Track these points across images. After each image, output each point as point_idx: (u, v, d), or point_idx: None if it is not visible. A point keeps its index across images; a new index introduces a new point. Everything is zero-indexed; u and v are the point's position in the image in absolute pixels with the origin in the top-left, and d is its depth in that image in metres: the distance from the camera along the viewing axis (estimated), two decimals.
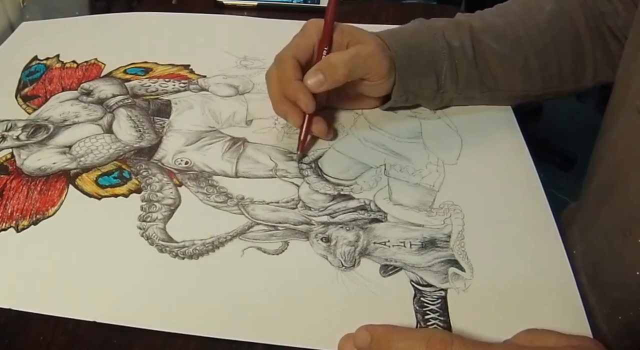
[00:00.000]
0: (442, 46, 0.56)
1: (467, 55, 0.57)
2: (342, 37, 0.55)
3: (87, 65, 0.67)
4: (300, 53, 0.54)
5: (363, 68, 0.53)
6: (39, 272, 0.44)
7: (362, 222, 0.49)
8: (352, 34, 0.55)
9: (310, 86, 0.52)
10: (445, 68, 0.56)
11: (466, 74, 0.57)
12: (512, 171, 0.54)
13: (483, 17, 0.60)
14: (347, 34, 0.55)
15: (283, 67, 0.53)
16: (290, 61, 0.53)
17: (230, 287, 0.44)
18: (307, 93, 0.52)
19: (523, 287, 0.44)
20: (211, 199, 0.50)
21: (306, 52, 0.55)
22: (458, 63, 0.57)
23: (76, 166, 0.53)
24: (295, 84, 0.52)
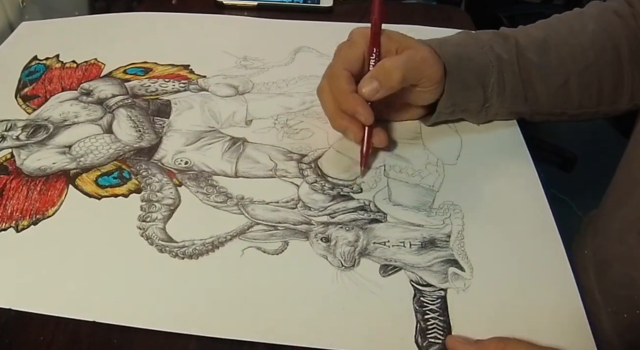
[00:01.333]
0: (490, 59, 0.55)
1: (514, 69, 0.56)
2: (390, 44, 0.53)
3: (87, 65, 0.67)
4: (351, 64, 0.52)
5: (417, 73, 0.52)
6: (39, 272, 0.44)
7: (361, 222, 0.49)
8: (401, 40, 0.54)
9: (365, 95, 0.50)
10: (493, 81, 0.55)
11: (512, 88, 0.56)
12: (512, 171, 0.54)
13: (527, 32, 0.58)
14: (395, 40, 0.54)
15: (336, 81, 0.52)
16: (344, 74, 0.52)
17: (230, 287, 0.44)
18: (365, 105, 0.51)
19: (522, 287, 0.44)
20: (211, 198, 0.51)
21: (357, 63, 0.53)
22: (506, 77, 0.55)
23: (76, 166, 0.53)
24: (351, 97, 0.51)
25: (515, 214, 0.50)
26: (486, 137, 0.58)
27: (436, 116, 0.56)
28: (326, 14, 0.80)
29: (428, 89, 0.53)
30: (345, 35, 0.67)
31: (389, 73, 0.50)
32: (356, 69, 0.53)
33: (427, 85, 0.53)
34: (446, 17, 0.81)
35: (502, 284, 0.44)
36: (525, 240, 0.48)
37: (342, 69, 0.52)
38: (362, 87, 0.50)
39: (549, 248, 0.47)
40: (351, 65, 0.52)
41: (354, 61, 0.53)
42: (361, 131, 0.52)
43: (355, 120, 0.52)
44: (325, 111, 0.54)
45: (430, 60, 0.52)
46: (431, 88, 0.53)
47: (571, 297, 0.44)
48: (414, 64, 0.51)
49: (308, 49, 0.71)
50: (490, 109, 0.57)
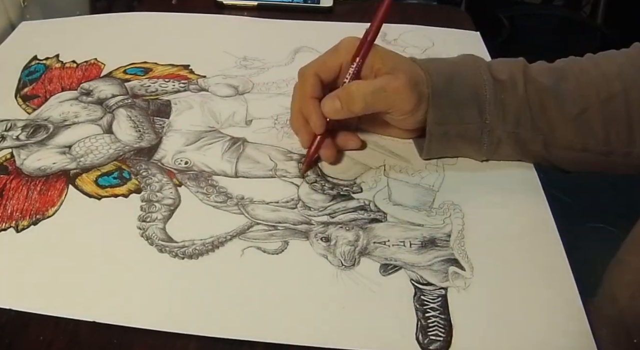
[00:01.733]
0: (485, 78, 0.51)
1: (517, 91, 0.51)
2: (374, 61, 0.51)
3: (87, 65, 0.67)
4: (323, 70, 0.52)
5: (384, 103, 0.50)
6: (39, 272, 0.44)
7: (361, 222, 0.49)
8: (385, 61, 0.51)
9: (325, 111, 0.50)
10: (489, 100, 0.51)
11: (515, 110, 0.51)
12: (512, 171, 0.54)
13: (542, 62, 0.55)
14: (379, 58, 0.51)
15: (303, 83, 0.52)
16: (311, 78, 0.51)
17: (230, 287, 0.44)
18: (319, 114, 0.51)
19: (522, 286, 0.44)
20: (211, 198, 0.51)
21: (331, 71, 0.52)
22: (505, 97, 0.51)
23: (76, 166, 0.53)
24: (310, 102, 0.51)
25: (515, 213, 0.50)
26: None
27: (428, 139, 0.52)
28: (326, 14, 0.80)
29: (400, 117, 0.52)
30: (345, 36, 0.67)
31: (352, 98, 0.49)
32: (328, 77, 0.52)
33: (397, 114, 0.51)
34: (446, 17, 0.81)
35: (502, 283, 0.44)
36: (525, 240, 0.48)
37: (312, 73, 0.52)
38: (324, 103, 0.50)
39: (549, 248, 0.47)
40: (323, 71, 0.52)
41: (328, 69, 0.52)
42: (310, 138, 0.53)
43: (308, 126, 0.52)
44: (290, 107, 0.54)
45: (403, 92, 0.49)
46: (403, 116, 0.51)
47: (571, 296, 0.43)
48: (381, 94, 0.49)
49: (308, 49, 0.71)
50: (493, 134, 0.52)
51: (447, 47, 0.64)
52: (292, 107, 0.54)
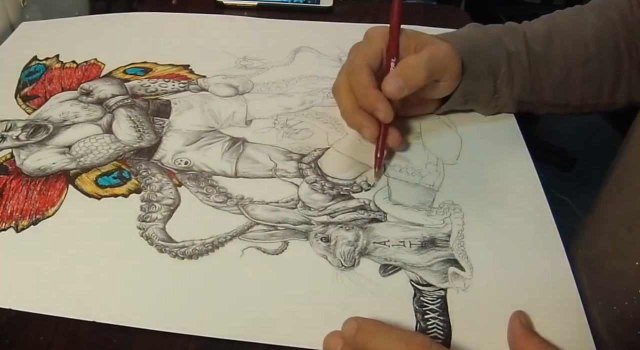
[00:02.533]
0: (500, 51, 0.57)
1: (522, 62, 0.57)
2: (409, 41, 0.54)
3: (87, 66, 0.67)
4: (371, 61, 0.52)
5: (440, 68, 0.52)
6: (38, 272, 0.44)
7: (361, 222, 0.49)
8: (418, 38, 0.54)
9: (390, 93, 0.50)
10: (503, 72, 0.57)
11: (521, 80, 0.57)
12: (512, 171, 0.54)
13: (532, 25, 0.60)
14: (412, 37, 0.54)
15: (358, 76, 0.51)
16: (365, 70, 0.51)
17: (230, 287, 0.44)
18: (386, 102, 0.50)
19: (522, 287, 0.44)
20: (211, 199, 0.51)
21: (376, 59, 0.53)
22: (514, 68, 0.57)
23: (76, 166, 0.53)
24: (373, 93, 0.51)
25: (515, 213, 0.50)
26: (486, 136, 0.58)
27: (448, 105, 0.57)
28: (326, 14, 0.80)
29: (449, 84, 0.54)
30: (346, 35, 0.67)
31: (414, 70, 0.50)
32: (376, 66, 0.53)
33: (448, 79, 0.54)
34: (446, 17, 0.81)
35: (502, 284, 0.44)
36: (525, 240, 0.48)
37: (364, 64, 0.52)
38: (387, 85, 0.50)
39: (549, 248, 0.47)
40: (371, 61, 0.52)
41: (374, 58, 0.53)
42: (377, 129, 0.52)
43: (371, 117, 0.51)
44: (341, 107, 0.53)
45: (451, 55, 0.53)
46: (452, 82, 0.54)
47: (571, 297, 0.44)
48: (437, 60, 0.52)
49: (308, 49, 0.71)
50: (500, 99, 0.58)
51: None
52: (346, 106, 0.53)
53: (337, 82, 0.54)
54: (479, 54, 0.56)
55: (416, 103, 0.57)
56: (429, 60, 0.51)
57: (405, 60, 0.51)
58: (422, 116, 0.60)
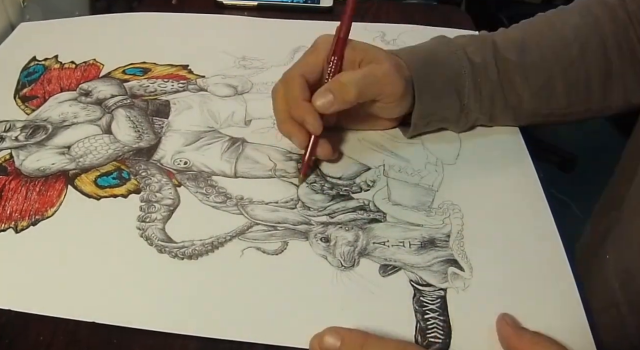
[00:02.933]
0: (463, 64, 0.54)
1: (490, 73, 0.54)
2: (354, 55, 0.52)
3: (86, 66, 0.67)
4: (308, 71, 0.52)
5: (376, 89, 0.50)
6: (38, 273, 0.44)
7: (361, 222, 0.49)
8: (365, 52, 0.52)
9: (318, 107, 0.49)
10: (468, 87, 0.54)
11: (490, 93, 0.54)
12: (512, 171, 0.54)
13: (506, 32, 0.57)
14: (359, 51, 0.52)
15: (290, 86, 0.51)
16: (297, 80, 0.51)
17: (230, 288, 0.44)
18: (315, 114, 0.49)
19: (522, 287, 0.44)
20: (210, 199, 0.51)
21: (315, 70, 0.52)
22: (481, 81, 0.54)
23: (75, 167, 0.53)
24: (302, 105, 0.50)
25: (515, 213, 0.50)
26: (486, 136, 0.58)
27: (413, 129, 0.55)
28: (326, 14, 0.80)
29: (390, 104, 0.52)
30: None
31: (344, 87, 0.49)
32: (313, 77, 0.52)
33: (387, 100, 0.52)
34: (446, 17, 0.81)
35: (501, 284, 0.45)
36: (525, 240, 0.48)
37: (297, 75, 0.51)
38: (316, 99, 0.49)
39: (549, 248, 0.47)
40: (308, 72, 0.51)
41: (312, 68, 0.52)
42: (306, 139, 0.51)
43: (302, 127, 0.51)
44: (275, 113, 0.53)
45: (392, 75, 0.50)
46: (394, 103, 0.52)
47: (571, 297, 0.44)
48: (372, 79, 0.50)
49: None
50: (470, 114, 0.55)
51: None
52: (277, 112, 0.52)
53: (274, 88, 0.53)
54: (436, 68, 0.53)
55: (362, 118, 0.56)
56: (362, 79, 0.49)
57: (338, 75, 0.50)
58: None
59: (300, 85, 0.51)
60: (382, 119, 0.56)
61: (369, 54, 0.52)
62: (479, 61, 0.54)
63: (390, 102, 0.52)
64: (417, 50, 0.55)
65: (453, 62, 0.54)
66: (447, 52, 0.54)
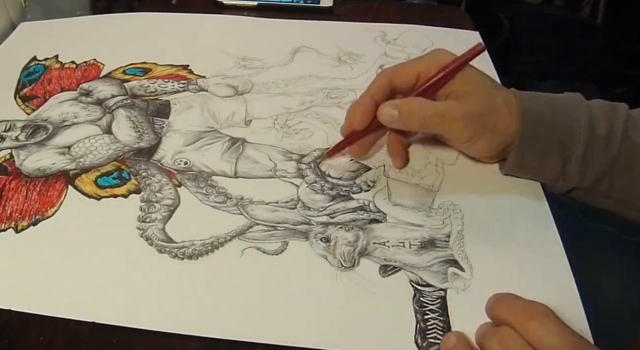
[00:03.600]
0: (582, 129, 0.47)
1: (610, 150, 0.47)
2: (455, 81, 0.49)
3: (86, 66, 0.67)
4: (399, 75, 0.50)
5: (440, 129, 0.50)
6: (38, 273, 0.44)
7: (361, 222, 0.49)
8: (464, 83, 0.49)
9: (380, 116, 0.49)
10: (577, 155, 0.48)
11: (599, 169, 0.48)
12: None
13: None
14: (459, 79, 0.49)
15: (375, 80, 0.51)
16: (382, 79, 0.50)
17: (230, 288, 0.44)
18: (365, 115, 0.50)
19: (522, 287, 0.44)
20: (210, 199, 0.51)
21: (406, 77, 0.50)
22: (593, 155, 0.48)
23: (75, 167, 0.53)
24: (365, 99, 0.50)
25: (515, 214, 0.50)
26: None
27: (504, 170, 0.52)
28: (326, 14, 0.80)
29: (457, 146, 0.53)
30: (345, 36, 0.67)
31: (411, 114, 0.48)
32: (402, 83, 0.50)
33: (452, 142, 0.52)
34: (446, 17, 0.81)
35: (501, 284, 0.44)
36: (525, 240, 0.48)
37: (387, 74, 0.51)
38: (383, 107, 0.49)
39: (549, 249, 0.47)
40: (399, 76, 0.50)
41: (404, 75, 0.50)
42: (348, 129, 0.52)
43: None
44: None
45: (460, 122, 0.48)
46: (459, 146, 0.52)
47: (570, 297, 0.44)
48: (439, 119, 0.48)
49: (307, 49, 0.71)
50: (567, 184, 0.50)
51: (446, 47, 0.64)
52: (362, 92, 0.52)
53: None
54: (550, 119, 0.48)
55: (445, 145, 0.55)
56: (432, 116, 0.48)
57: (414, 100, 0.49)
58: None
59: (380, 84, 0.50)
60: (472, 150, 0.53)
61: (464, 88, 0.49)
62: (601, 133, 0.47)
63: (457, 144, 0.53)
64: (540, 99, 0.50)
65: (570, 118, 0.48)
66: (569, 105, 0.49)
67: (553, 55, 1.42)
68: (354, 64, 0.68)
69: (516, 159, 0.50)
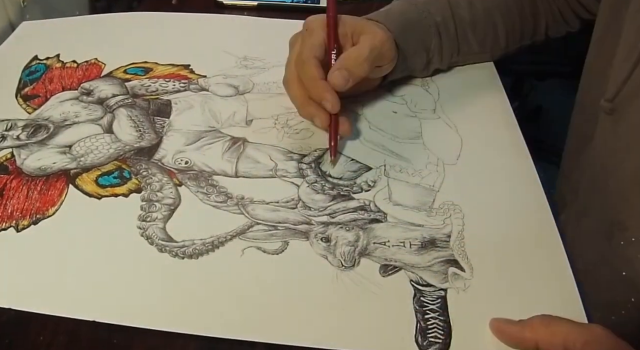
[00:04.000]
0: (430, 24, 0.61)
1: (449, 29, 0.62)
2: (345, 29, 0.56)
3: (87, 65, 0.67)
4: (317, 52, 0.53)
5: (380, 57, 0.55)
6: (38, 272, 0.44)
7: (361, 222, 0.49)
8: (355, 25, 0.56)
9: (337, 85, 0.52)
10: (434, 45, 0.61)
11: (449, 48, 0.63)
12: (512, 171, 0.54)
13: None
14: (349, 25, 0.56)
15: (306, 69, 0.53)
16: (313, 61, 0.53)
17: (230, 287, 0.44)
18: (333, 92, 0.52)
19: (522, 287, 0.44)
20: (211, 198, 0.51)
21: (322, 50, 0.54)
22: (443, 38, 0.62)
23: (76, 166, 0.53)
24: (320, 84, 0.52)
25: (516, 213, 0.50)
26: (486, 136, 0.58)
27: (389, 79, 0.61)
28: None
29: (388, 67, 0.58)
30: None
31: (357, 63, 0.53)
32: (321, 56, 0.54)
33: (387, 64, 0.57)
34: None
35: (502, 284, 0.44)
36: (526, 240, 0.48)
37: (312, 56, 0.53)
38: (333, 77, 0.52)
39: (549, 248, 0.47)
40: (317, 52, 0.53)
41: (319, 49, 0.54)
42: (328, 117, 0.54)
43: (321, 107, 0.53)
44: (293, 99, 0.55)
45: (387, 42, 0.56)
46: (391, 65, 0.58)
47: (571, 297, 0.43)
48: (377, 50, 0.54)
49: None
50: (431, 66, 0.64)
51: None
52: (296, 97, 0.55)
53: (286, 75, 0.56)
54: (410, 31, 0.59)
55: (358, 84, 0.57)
56: (370, 52, 0.53)
57: (347, 53, 0.54)
58: (423, 116, 0.60)
59: (316, 66, 0.53)
60: (372, 80, 0.60)
61: (358, 27, 0.56)
62: (440, 20, 0.61)
63: (391, 63, 0.58)
64: (390, 13, 0.60)
65: (423, 24, 0.61)
66: (416, 14, 0.61)
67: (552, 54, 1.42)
68: None
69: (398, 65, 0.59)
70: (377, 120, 0.60)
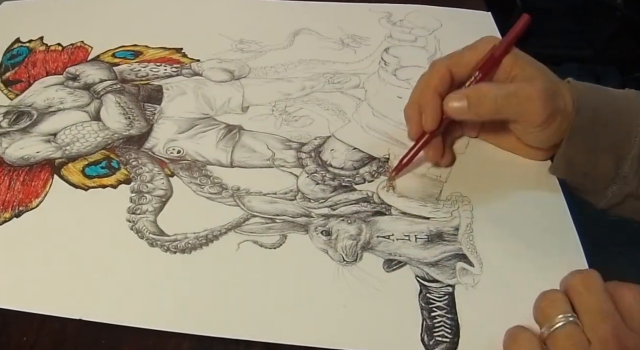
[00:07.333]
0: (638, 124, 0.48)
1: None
2: (512, 67, 0.49)
3: (73, 48, 0.67)
4: (458, 65, 0.50)
5: (514, 111, 0.48)
6: (21, 268, 0.44)
7: (364, 214, 0.49)
8: (524, 67, 0.49)
9: (448, 109, 0.48)
10: (633, 155, 0.48)
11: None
12: (524, 160, 0.54)
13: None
14: (519, 63, 0.49)
15: (432, 73, 0.50)
16: (442, 70, 0.50)
17: (225, 283, 0.44)
18: (435, 109, 0.49)
19: (534, 283, 0.44)
20: (205, 189, 0.50)
21: (465, 67, 0.50)
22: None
23: (61, 155, 0.53)
24: (429, 94, 0.50)
25: (527, 206, 0.50)
26: None
27: (553, 168, 0.51)
28: None
29: (528, 130, 0.50)
30: (348, 17, 0.66)
31: (481, 99, 0.47)
32: (460, 73, 0.51)
33: (525, 126, 0.49)
34: None
35: (513, 280, 0.44)
36: (538, 234, 0.48)
37: (444, 65, 0.50)
38: (449, 100, 0.48)
39: (564, 241, 0.47)
40: (458, 66, 0.50)
41: (463, 65, 0.50)
42: (419, 131, 0.51)
43: (420, 118, 0.51)
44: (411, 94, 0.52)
45: (536, 100, 0.47)
46: (531, 130, 0.49)
47: None
48: (513, 99, 0.47)
49: (308, 32, 0.71)
50: (623, 189, 0.49)
51: (456, 29, 0.63)
52: (412, 93, 0.52)
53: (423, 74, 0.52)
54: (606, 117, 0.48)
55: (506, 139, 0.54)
56: (503, 96, 0.47)
57: (480, 84, 0.49)
58: None
59: (441, 76, 0.50)
60: (527, 145, 0.53)
61: (527, 71, 0.49)
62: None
63: (530, 128, 0.49)
64: (594, 88, 0.50)
65: (628, 116, 0.48)
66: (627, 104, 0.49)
67: (569, 37, 1.42)
68: (358, 47, 0.68)
69: (566, 152, 0.49)
70: (381, 106, 0.59)
